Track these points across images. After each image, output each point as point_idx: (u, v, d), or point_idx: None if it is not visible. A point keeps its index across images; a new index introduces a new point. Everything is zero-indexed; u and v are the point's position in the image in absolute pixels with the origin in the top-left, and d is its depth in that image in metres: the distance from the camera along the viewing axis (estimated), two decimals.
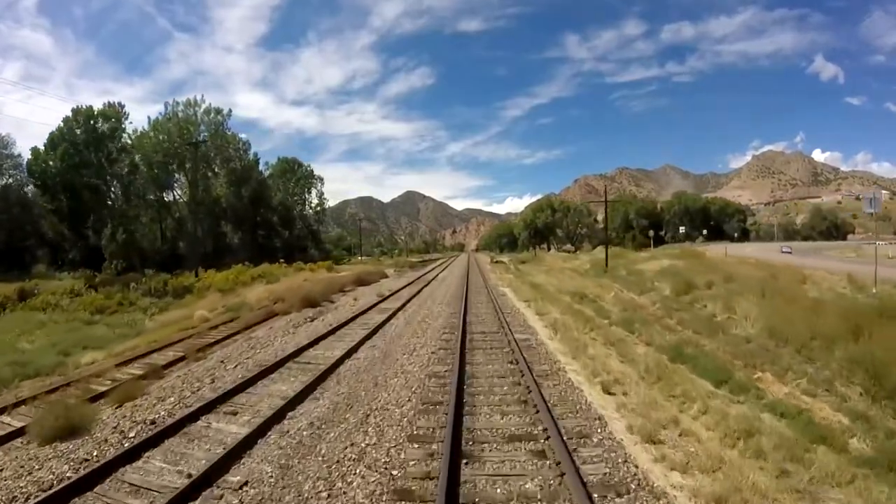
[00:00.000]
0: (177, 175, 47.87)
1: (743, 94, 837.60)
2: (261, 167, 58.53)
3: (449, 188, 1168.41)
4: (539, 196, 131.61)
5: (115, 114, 44.09)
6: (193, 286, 27.56)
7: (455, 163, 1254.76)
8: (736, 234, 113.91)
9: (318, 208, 69.00)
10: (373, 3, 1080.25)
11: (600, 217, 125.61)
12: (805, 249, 49.45)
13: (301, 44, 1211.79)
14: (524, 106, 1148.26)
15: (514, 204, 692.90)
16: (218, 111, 48.53)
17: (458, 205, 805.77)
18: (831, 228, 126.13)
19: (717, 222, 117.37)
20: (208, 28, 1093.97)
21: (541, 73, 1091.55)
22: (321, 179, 69.39)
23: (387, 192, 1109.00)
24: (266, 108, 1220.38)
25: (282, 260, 43.21)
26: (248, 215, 51.95)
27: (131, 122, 45.06)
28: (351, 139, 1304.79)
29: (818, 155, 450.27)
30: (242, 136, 53.68)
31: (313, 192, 68.26)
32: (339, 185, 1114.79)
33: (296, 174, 60.93)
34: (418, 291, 21.43)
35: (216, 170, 50.57)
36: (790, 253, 39.93)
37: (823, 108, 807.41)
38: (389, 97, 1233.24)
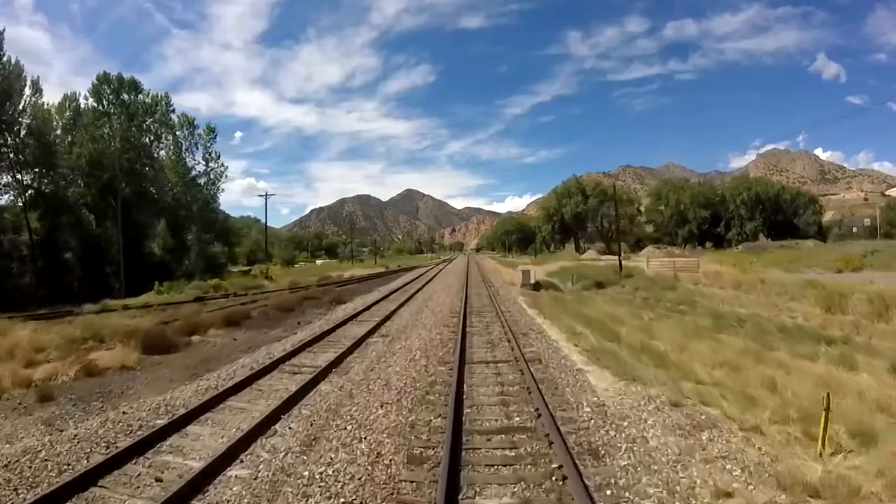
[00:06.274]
0: None
1: (745, 92, 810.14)
2: None
3: (449, 187, 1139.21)
4: (539, 196, 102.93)
5: None
6: None
7: (455, 161, 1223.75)
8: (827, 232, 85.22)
9: (207, 179, 40.03)
10: None
11: (643, 208, 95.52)
12: None
13: (300, 40, 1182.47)
14: (525, 104, 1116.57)
15: (515, 203, 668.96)
16: None
17: (458, 203, 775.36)
18: None
19: (786, 215, 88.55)
20: (206, 25, 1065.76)
21: (542, 71, 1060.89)
22: (212, 131, 40.49)
23: (386, 191, 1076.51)
24: (265, 107, 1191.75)
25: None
26: None
27: None
28: (351, 138, 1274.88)
29: (820, 154, 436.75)
30: None
31: (199, 152, 39.61)
32: (339, 184, 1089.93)
33: (126, 108, 30.61)
34: None
35: None
36: None
37: (825, 106, 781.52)
38: (390, 95, 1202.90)
